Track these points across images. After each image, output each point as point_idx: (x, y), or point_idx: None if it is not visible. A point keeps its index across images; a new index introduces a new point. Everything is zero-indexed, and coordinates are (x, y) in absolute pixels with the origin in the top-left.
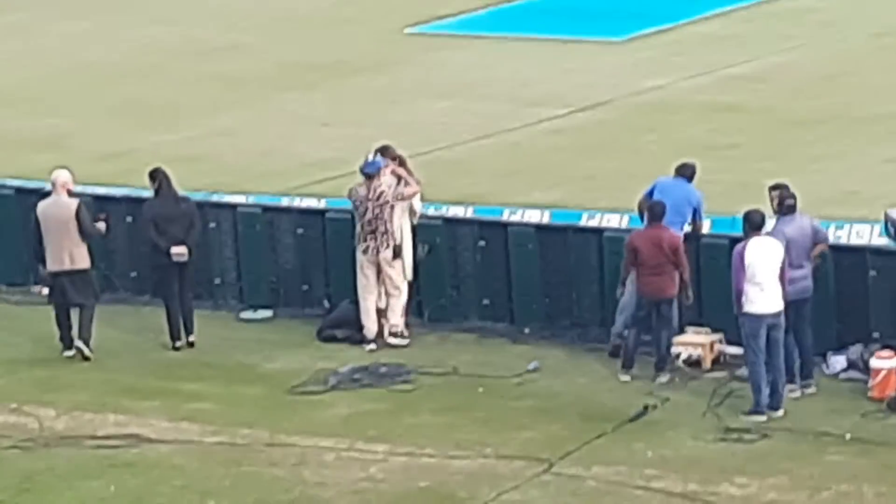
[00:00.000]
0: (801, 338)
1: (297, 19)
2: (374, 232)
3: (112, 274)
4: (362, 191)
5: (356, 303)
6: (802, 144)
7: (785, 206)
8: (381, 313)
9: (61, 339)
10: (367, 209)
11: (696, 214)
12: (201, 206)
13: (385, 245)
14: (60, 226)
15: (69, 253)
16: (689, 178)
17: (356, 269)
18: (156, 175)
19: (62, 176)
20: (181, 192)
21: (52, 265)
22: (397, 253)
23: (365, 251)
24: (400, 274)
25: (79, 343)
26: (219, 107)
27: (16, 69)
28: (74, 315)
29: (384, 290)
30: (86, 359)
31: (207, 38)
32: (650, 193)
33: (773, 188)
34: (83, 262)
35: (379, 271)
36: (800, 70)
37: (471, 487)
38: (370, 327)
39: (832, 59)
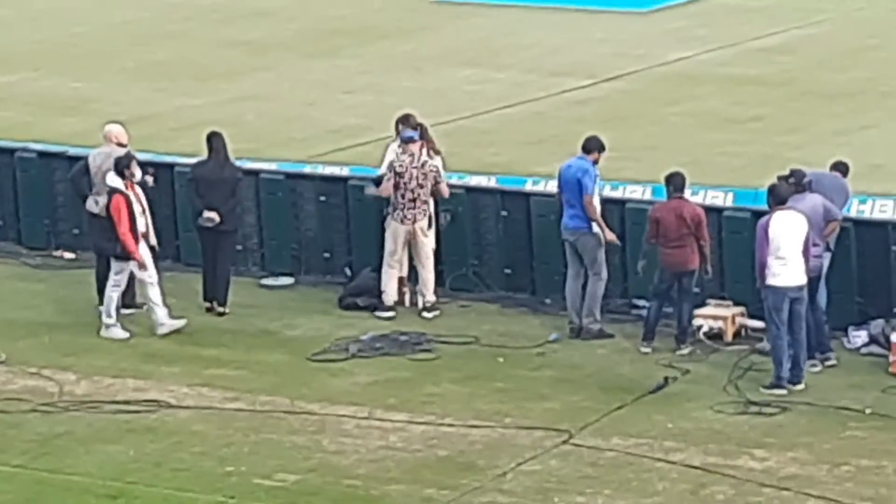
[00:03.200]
0: (813, 313)
1: None
2: (414, 201)
3: None
4: (406, 159)
5: (377, 270)
6: (827, 118)
7: (801, 184)
8: (402, 281)
9: (98, 291)
10: (411, 177)
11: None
12: None
13: (423, 214)
14: (106, 174)
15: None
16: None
17: (386, 236)
18: (209, 138)
19: (114, 129)
20: (233, 160)
21: (91, 206)
22: (431, 223)
23: (402, 220)
24: (432, 244)
25: (124, 311)
26: (243, 72)
27: (41, 31)
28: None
29: (418, 261)
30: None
31: (232, 3)
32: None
33: (788, 175)
34: None
35: (407, 242)
36: (825, 43)
37: (490, 457)
38: (390, 294)
39: (858, 33)
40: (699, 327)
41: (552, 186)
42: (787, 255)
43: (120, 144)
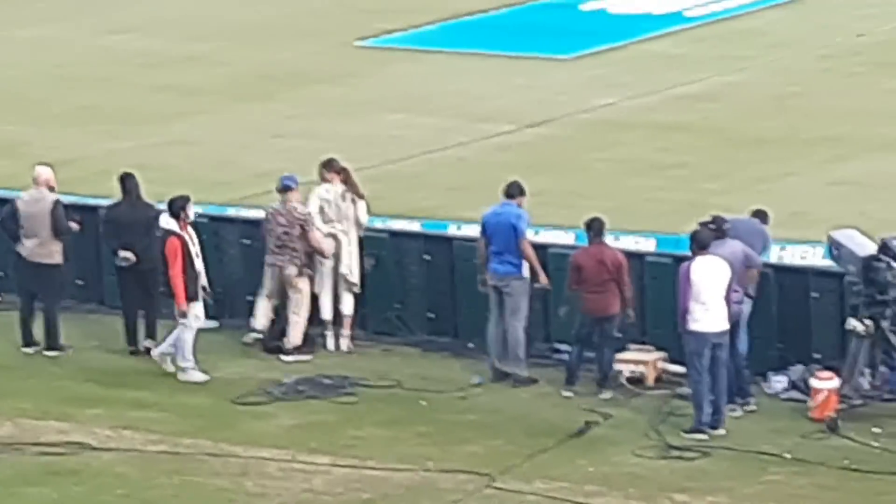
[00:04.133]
0: (734, 359)
1: (252, 31)
2: (281, 247)
3: None
4: (275, 206)
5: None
6: (750, 165)
7: (721, 230)
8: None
9: (23, 333)
10: (277, 224)
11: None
12: None
13: (290, 262)
14: (37, 218)
15: (40, 244)
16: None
17: (264, 272)
18: (122, 179)
19: (45, 172)
20: (147, 199)
21: (22, 249)
22: (301, 272)
23: (273, 265)
24: (304, 294)
25: (48, 353)
26: (173, 116)
27: None
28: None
29: (289, 305)
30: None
31: (163, 47)
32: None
33: (709, 221)
34: (51, 257)
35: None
36: (748, 91)
37: (412, 500)
38: (259, 319)
39: (781, 81)
40: (620, 372)
41: (474, 231)
42: (708, 300)
43: (50, 188)
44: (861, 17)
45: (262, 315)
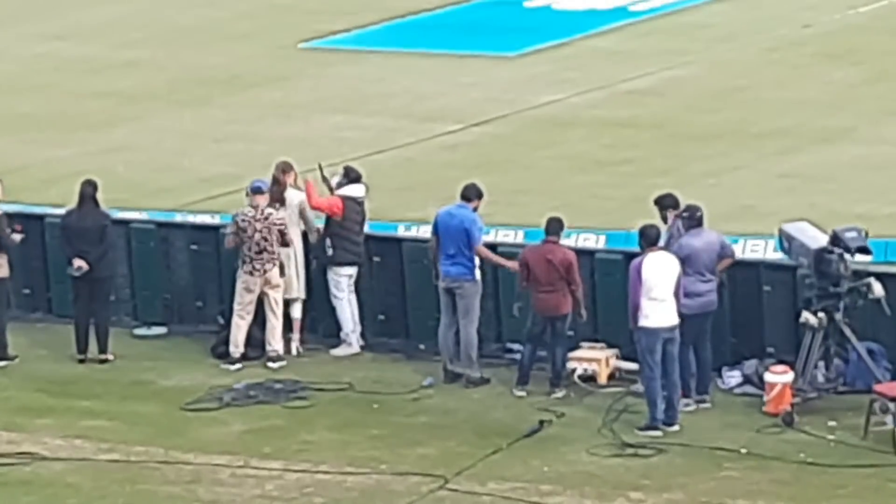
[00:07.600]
0: (701, 352)
1: (191, 34)
2: (261, 252)
3: None
4: (249, 211)
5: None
6: (698, 159)
7: (695, 218)
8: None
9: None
10: (254, 230)
11: (468, 236)
12: None
13: (272, 264)
14: None
15: None
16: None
17: (236, 288)
18: (81, 186)
19: None
20: (102, 207)
21: None
22: (283, 272)
23: (252, 272)
24: (282, 295)
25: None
26: (112, 122)
27: None
28: None
29: (268, 308)
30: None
31: (101, 53)
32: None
33: (683, 210)
34: None
35: (260, 294)
36: (694, 85)
37: None
38: (238, 346)
39: (726, 75)
40: (573, 370)
41: (424, 232)
42: (659, 296)
43: None
44: (806, 8)
45: (241, 342)
